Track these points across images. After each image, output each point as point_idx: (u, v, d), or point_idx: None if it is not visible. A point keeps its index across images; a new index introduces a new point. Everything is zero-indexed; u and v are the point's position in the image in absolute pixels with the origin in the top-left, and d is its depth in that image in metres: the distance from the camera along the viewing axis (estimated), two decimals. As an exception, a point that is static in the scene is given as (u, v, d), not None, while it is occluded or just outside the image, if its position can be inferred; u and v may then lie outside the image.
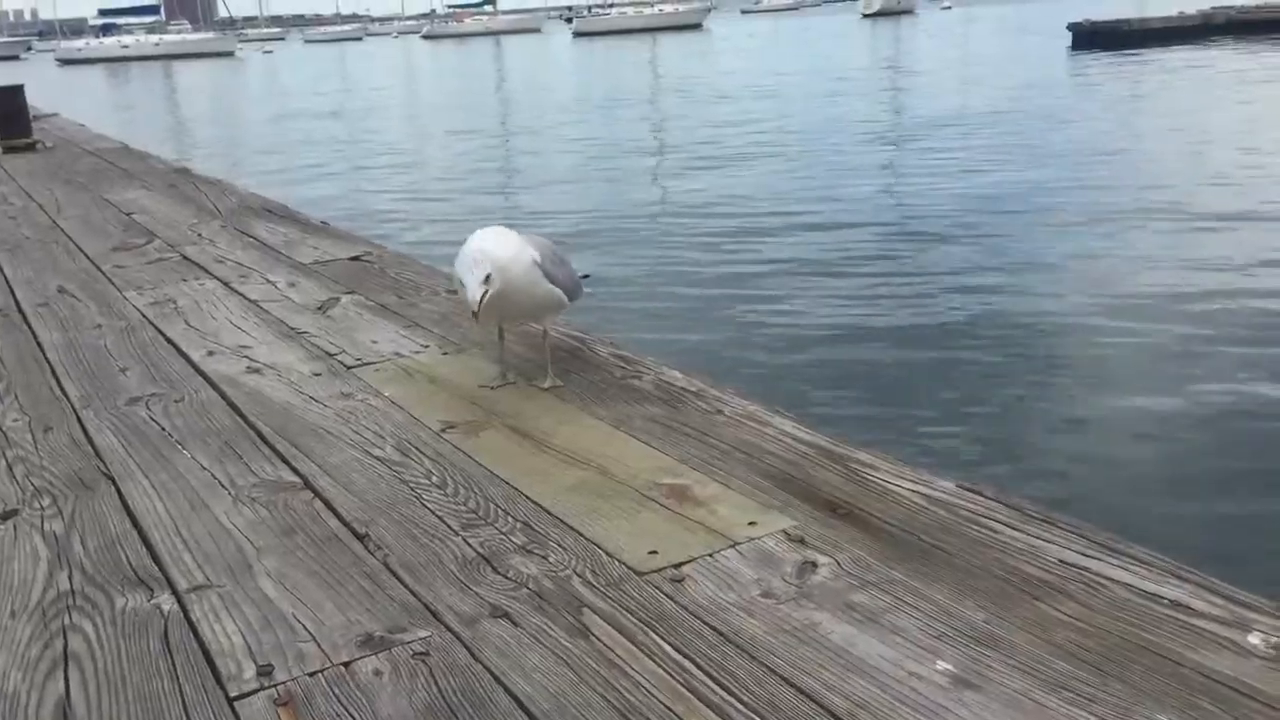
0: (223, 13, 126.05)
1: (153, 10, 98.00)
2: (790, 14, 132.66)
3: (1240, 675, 1.69)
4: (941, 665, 1.77)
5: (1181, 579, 1.97)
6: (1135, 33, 37.54)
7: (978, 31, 58.56)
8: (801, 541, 2.21)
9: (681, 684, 1.77)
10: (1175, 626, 1.83)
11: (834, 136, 19.36)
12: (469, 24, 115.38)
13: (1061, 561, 2.05)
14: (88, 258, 5.60)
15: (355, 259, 5.18)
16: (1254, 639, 1.78)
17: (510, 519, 2.39)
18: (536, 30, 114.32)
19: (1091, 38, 37.33)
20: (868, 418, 6.09)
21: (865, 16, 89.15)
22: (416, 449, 2.83)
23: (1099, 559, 2.05)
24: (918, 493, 2.38)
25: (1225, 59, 29.90)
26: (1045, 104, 22.14)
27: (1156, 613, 1.87)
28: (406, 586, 2.13)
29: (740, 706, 1.70)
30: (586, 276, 3.53)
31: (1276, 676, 1.69)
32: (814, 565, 2.11)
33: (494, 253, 2.90)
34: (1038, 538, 2.15)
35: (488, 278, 2.86)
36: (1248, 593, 1.92)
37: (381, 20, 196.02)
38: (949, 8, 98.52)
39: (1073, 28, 38.45)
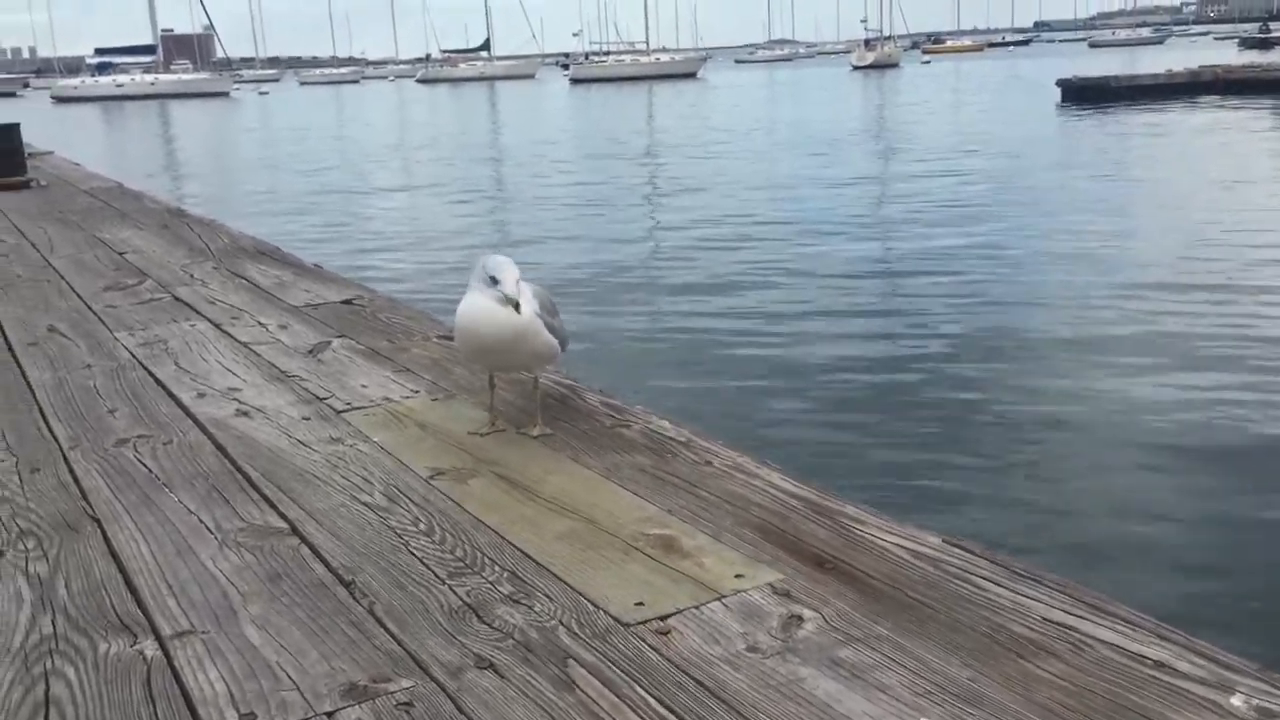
0: (220, 54, 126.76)
1: (148, 50, 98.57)
2: (783, 65, 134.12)
3: (1223, 737, 1.69)
4: (926, 723, 1.77)
5: (1165, 639, 1.97)
6: (1124, 89, 38.10)
7: (966, 85, 59.26)
8: (788, 595, 2.21)
9: (666, 738, 1.76)
10: (1159, 688, 1.83)
11: (830, 188, 19.50)
12: (464, 69, 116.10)
13: (1046, 620, 2.06)
14: (79, 297, 5.60)
15: (346, 303, 5.20)
16: (1236, 700, 1.78)
17: (497, 568, 2.39)
18: (531, 76, 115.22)
19: (1080, 93, 37.87)
20: (856, 469, 6.11)
21: (856, 69, 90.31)
22: (405, 495, 2.83)
23: (1084, 618, 2.06)
24: (904, 547, 2.39)
25: (1211, 116, 30.30)
26: (1047, 157, 22.45)
27: (1140, 673, 1.87)
28: (392, 635, 2.13)
29: (724, 762, 1.70)
30: None
31: (1259, 739, 1.69)
32: (800, 619, 2.11)
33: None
34: (1024, 595, 2.15)
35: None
36: (1230, 654, 1.92)
37: (376, 64, 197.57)
38: (928, 62, 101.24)
39: (1061, 83, 39.04)
